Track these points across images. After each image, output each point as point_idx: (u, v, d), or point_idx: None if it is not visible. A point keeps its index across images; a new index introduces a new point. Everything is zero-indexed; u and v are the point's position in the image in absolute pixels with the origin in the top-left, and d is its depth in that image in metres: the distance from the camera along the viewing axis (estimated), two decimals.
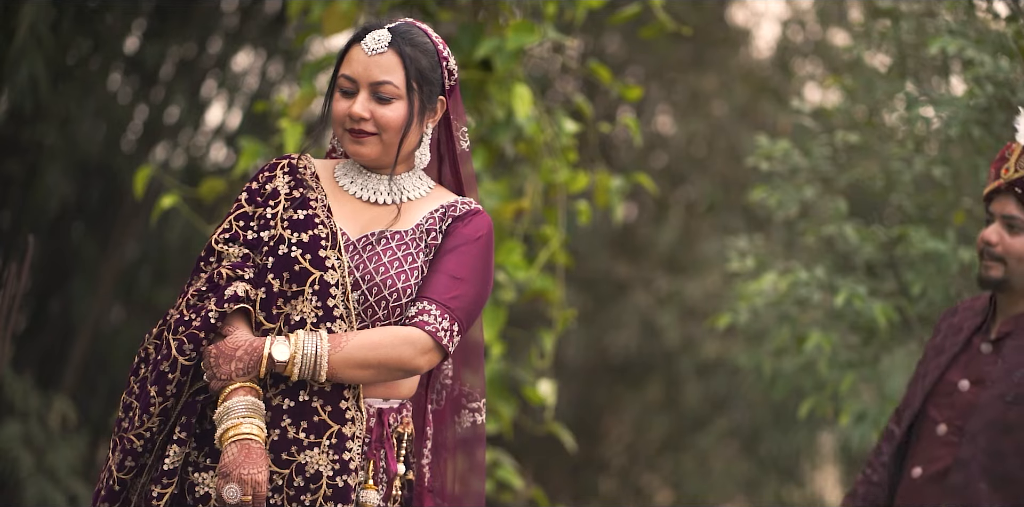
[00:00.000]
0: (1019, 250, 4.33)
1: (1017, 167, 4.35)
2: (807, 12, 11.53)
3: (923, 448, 4.42)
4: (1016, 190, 4.33)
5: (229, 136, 9.44)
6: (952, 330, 4.57)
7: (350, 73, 3.66)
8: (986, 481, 4.26)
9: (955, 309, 4.66)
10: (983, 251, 4.39)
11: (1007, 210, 4.35)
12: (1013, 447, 4.26)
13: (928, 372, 4.53)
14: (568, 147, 6.34)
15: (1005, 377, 4.31)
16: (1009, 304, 4.42)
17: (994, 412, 4.28)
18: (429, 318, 3.58)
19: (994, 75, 5.84)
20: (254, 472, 3.42)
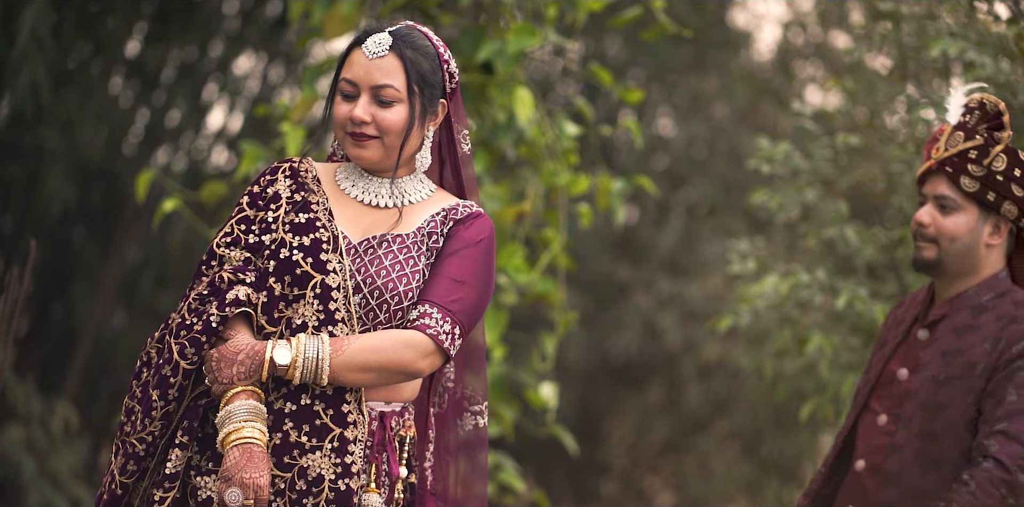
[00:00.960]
0: (951, 230, 4.33)
1: (947, 146, 4.36)
2: (808, 14, 11.53)
3: (866, 440, 4.42)
4: (947, 169, 4.33)
5: (230, 140, 9.44)
6: (896, 322, 4.58)
7: (351, 77, 3.66)
8: (919, 465, 4.27)
9: (902, 302, 4.67)
10: (916, 232, 4.39)
11: (939, 190, 4.35)
12: (944, 427, 4.26)
13: (872, 366, 4.54)
14: (569, 150, 6.35)
15: (938, 359, 4.32)
16: (944, 287, 4.42)
17: (926, 394, 4.30)
18: (430, 321, 3.58)
19: (995, 77, 5.84)
20: (256, 476, 3.42)
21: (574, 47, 9.17)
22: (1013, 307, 4.32)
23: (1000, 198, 4.31)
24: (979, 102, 4.40)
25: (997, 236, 4.36)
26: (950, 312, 4.37)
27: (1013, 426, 4.15)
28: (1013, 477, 4.12)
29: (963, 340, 4.30)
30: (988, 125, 4.35)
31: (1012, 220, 4.35)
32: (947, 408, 4.26)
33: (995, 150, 4.30)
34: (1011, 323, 4.27)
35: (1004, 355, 4.23)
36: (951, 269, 4.37)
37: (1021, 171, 4.31)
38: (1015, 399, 4.17)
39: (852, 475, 4.43)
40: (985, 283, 4.37)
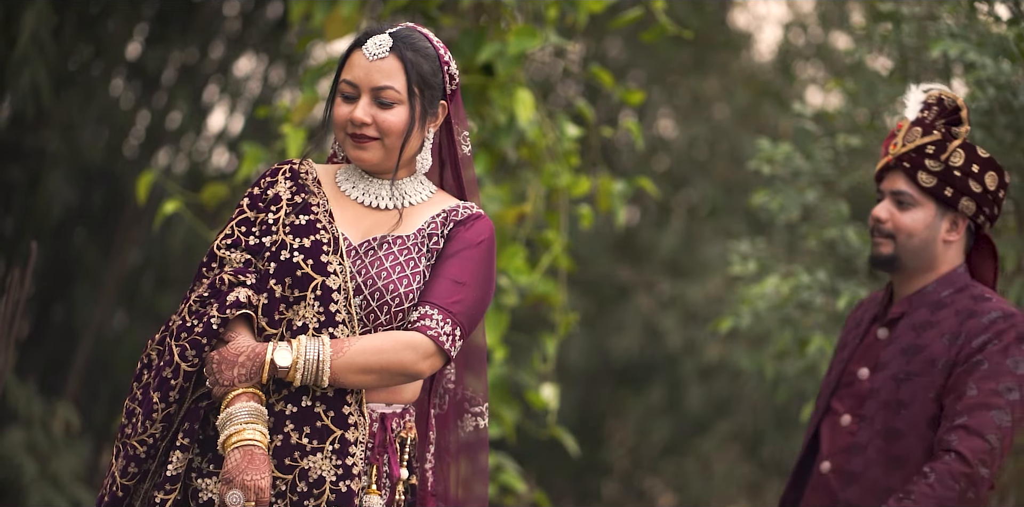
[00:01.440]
0: (908, 226, 4.33)
1: (905, 142, 4.36)
2: (808, 15, 11.54)
3: (830, 442, 4.41)
4: (904, 165, 4.33)
5: (231, 141, 9.44)
6: (856, 323, 4.58)
7: (351, 78, 3.66)
8: (883, 464, 4.27)
9: (861, 302, 4.67)
10: (873, 228, 4.39)
11: (896, 186, 4.35)
12: (907, 425, 4.26)
13: (834, 366, 4.54)
14: (570, 151, 6.35)
15: (898, 356, 4.33)
16: (903, 284, 4.42)
17: (887, 392, 4.30)
18: (431, 322, 3.58)
19: (996, 78, 5.84)
20: (257, 478, 3.42)
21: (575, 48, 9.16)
22: (972, 302, 4.32)
23: (958, 194, 4.31)
24: (937, 98, 4.40)
25: (955, 232, 4.36)
26: (909, 309, 4.37)
27: (973, 420, 4.15)
28: (974, 470, 4.13)
29: (923, 336, 4.30)
30: (946, 120, 4.35)
31: (970, 216, 4.35)
32: (909, 406, 4.26)
33: (952, 145, 4.30)
34: (970, 317, 4.27)
35: (964, 349, 4.24)
36: (908, 265, 4.37)
37: (979, 167, 4.32)
38: (975, 393, 4.18)
39: (818, 477, 4.42)
40: (944, 279, 4.37)
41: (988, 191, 4.34)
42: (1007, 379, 4.20)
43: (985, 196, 4.34)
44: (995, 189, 4.35)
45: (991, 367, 4.20)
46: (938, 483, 4.12)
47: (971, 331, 4.25)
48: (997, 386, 4.19)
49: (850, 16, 10.32)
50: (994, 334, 4.24)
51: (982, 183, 4.32)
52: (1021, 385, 4.21)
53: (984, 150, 4.36)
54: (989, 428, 4.15)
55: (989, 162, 4.35)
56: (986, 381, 4.19)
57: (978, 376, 4.19)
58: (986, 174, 4.33)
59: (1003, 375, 4.20)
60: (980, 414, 4.16)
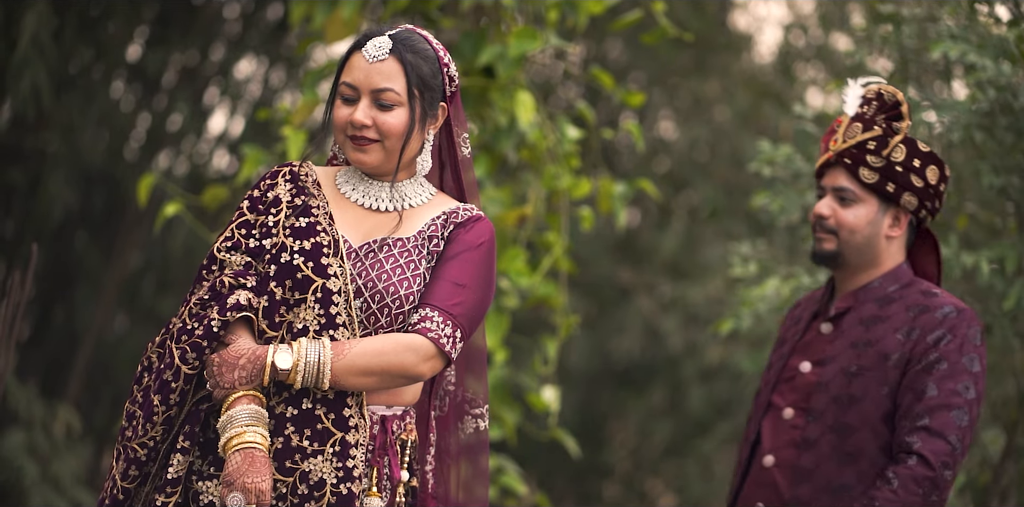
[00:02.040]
0: (851, 222, 4.32)
1: (845, 138, 4.35)
2: (809, 17, 11.54)
3: (772, 436, 4.38)
4: (845, 161, 4.32)
5: (232, 144, 9.44)
6: (793, 321, 4.57)
7: (351, 80, 3.66)
8: (835, 459, 4.24)
9: (798, 303, 4.66)
10: (815, 225, 4.37)
11: (838, 182, 4.34)
12: (859, 420, 4.24)
13: (773, 362, 4.52)
14: (571, 153, 6.35)
15: (846, 351, 4.30)
16: (846, 280, 4.41)
17: (838, 387, 4.28)
18: (431, 325, 3.58)
19: (996, 80, 5.83)
20: (258, 481, 3.42)
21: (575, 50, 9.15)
22: (922, 297, 4.31)
23: (900, 189, 4.30)
24: (876, 93, 4.40)
25: (897, 228, 4.36)
26: (855, 304, 4.36)
27: (935, 421, 4.14)
28: (937, 474, 4.11)
29: (873, 331, 4.29)
30: (886, 115, 4.34)
31: (912, 211, 4.34)
32: (861, 401, 4.24)
33: (894, 141, 4.29)
34: (922, 313, 4.26)
35: (919, 345, 4.22)
36: (851, 261, 4.36)
37: (920, 161, 4.31)
38: (936, 394, 4.16)
39: (760, 471, 4.39)
40: (890, 274, 4.36)
41: (930, 185, 4.33)
42: (964, 377, 4.19)
43: (927, 190, 4.32)
44: (936, 183, 4.34)
45: (950, 366, 4.19)
46: (902, 489, 4.11)
47: (925, 326, 4.23)
48: (956, 386, 4.18)
49: (850, 17, 10.32)
50: (948, 330, 4.23)
51: (923, 178, 4.31)
52: (976, 383, 4.20)
53: (924, 144, 4.34)
54: (951, 429, 4.14)
55: (930, 156, 4.34)
56: (945, 381, 4.18)
57: (937, 375, 4.18)
58: (927, 168, 4.32)
59: (960, 374, 4.19)
60: (941, 415, 4.15)
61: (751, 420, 4.54)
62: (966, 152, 6.36)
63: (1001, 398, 6.43)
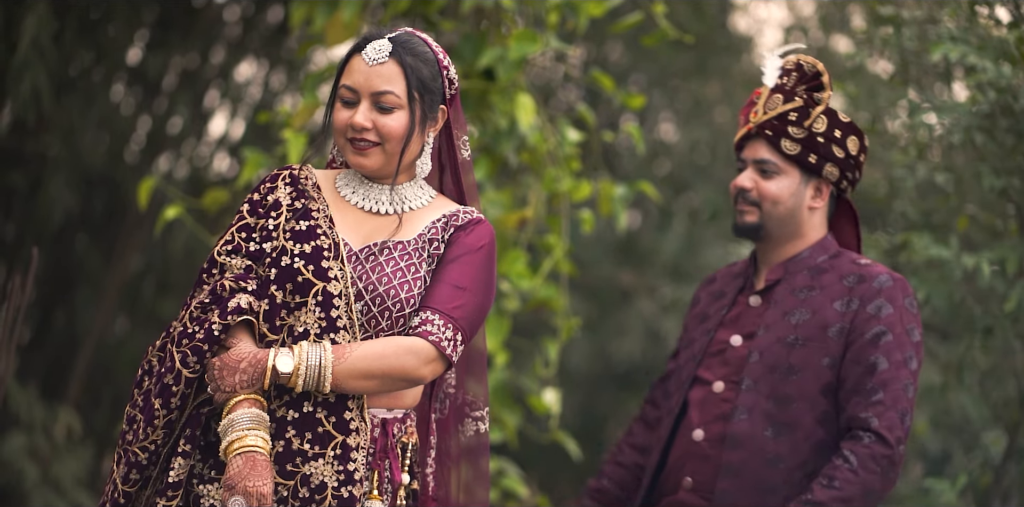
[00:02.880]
0: (774, 194, 4.29)
1: (766, 109, 4.31)
2: (809, 19, 11.53)
3: (701, 410, 4.34)
4: (766, 133, 4.29)
5: (232, 147, 9.44)
6: (713, 297, 4.52)
7: (351, 83, 3.66)
8: (771, 429, 4.20)
9: (712, 278, 4.62)
10: (737, 197, 4.34)
11: (759, 154, 4.32)
12: (797, 390, 4.21)
13: (695, 339, 4.47)
14: (571, 156, 6.34)
15: (781, 321, 4.27)
16: (770, 252, 4.39)
17: (775, 356, 4.24)
18: (432, 328, 3.58)
19: (996, 81, 5.84)
20: (259, 484, 3.42)
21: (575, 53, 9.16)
22: (855, 267, 4.29)
23: (822, 160, 4.28)
24: (796, 63, 4.36)
25: (819, 199, 4.33)
26: (785, 275, 4.33)
27: (888, 396, 4.12)
28: (894, 451, 4.09)
29: (808, 302, 4.26)
30: (807, 86, 4.31)
31: (833, 182, 4.32)
32: (800, 371, 4.21)
33: (816, 111, 4.26)
34: (859, 282, 4.24)
35: (859, 315, 4.20)
36: (774, 233, 4.34)
37: (841, 132, 4.29)
38: (886, 367, 4.14)
39: (688, 445, 4.34)
40: (818, 245, 4.34)
41: (850, 156, 4.31)
42: (908, 348, 4.18)
43: (848, 161, 4.30)
44: (857, 153, 4.32)
45: (895, 338, 4.17)
46: (861, 468, 4.08)
47: (865, 296, 4.21)
48: (902, 356, 4.16)
49: (851, 20, 10.32)
50: (887, 299, 4.21)
51: (845, 148, 4.29)
52: (917, 352, 4.20)
53: (845, 114, 4.32)
54: (902, 402, 4.13)
55: (851, 127, 4.31)
56: (893, 353, 4.16)
57: (884, 348, 4.16)
58: (848, 139, 4.30)
59: (905, 345, 4.17)
60: (893, 389, 4.13)
61: (672, 395, 4.48)
62: (967, 154, 6.37)
63: (1002, 399, 6.43)
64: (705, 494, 4.28)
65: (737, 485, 4.23)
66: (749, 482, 4.22)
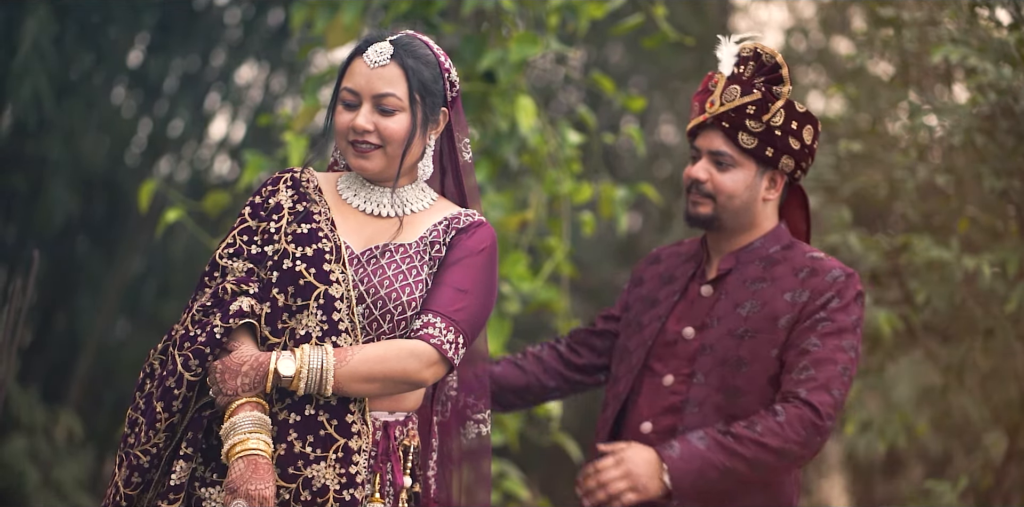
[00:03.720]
0: (729, 187, 4.21)
1: (723, 100, 4.22)
2: (810, 20, 11.53)
3: (651, 402, 4.28)
4: (724, 125, 4.20)
5: (233, 149, 9.44)
6: (662, 279, 4.43)
7: (352, 86, 3.66)
8: (722, 422, 4.14)
9: (656, 256, 4.53)
10: (690, 187, 4.26)
11: (714, 145, 4.22)
12: (746, 382, 4.15)
13: (644, 324, 4.38)
14: (572, 158, 6.35)
15: (731, 312, 4.21)
16: (722, 242, 4.32)
17: (725, 349, 4.18)
18: (434, 331, 3.58)
19: (997, 83, 5.84)
20: (261, 487, 3.41)
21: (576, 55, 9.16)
22: (808, 260, 4.22)
23: (778, 153, 4.20)
24: (753, 51, 4.25)
25: (774, 190, 4.26)
26: (737, 265, 4.27)
27: (821, 374, 4.06)
28: (824, 423, 4.03)
29: (760, 294, 4.20)
30: (765, 78, 4.21)
31: (788, 173, 4.25)
32: (750, 363, 4.15)
33: (775, 107, 4.17)
34: (812, 275, 4.18)
35: (807, 307, 4.14)
36: (728, 225, 4.26)
37: (797, 123, 4.21)
38: (821, 349, 4.08)
39: (636, 437, 4.27)
40: (771, 235, 4.28)
41: (806, 145, 4.23)
42: (848, 337, 4.12)
43: (803, 151, 4.23)
44: (811, 142, 4.25)
45: (835, 325, 4.11)
46: (787, 424, 4.02)
47: (816, 289, 4.15)
48: (841, 342, 4.10)
49: (851, 21, 10.32)
50: (836, 292, 4.14)
51: (800, 139, 4.22)
52: (857, 344, 4.14)
53: (801, 104, 4.23)
54: (836, 383, 4.06)
55: (806, 117, 4.23)
56: (831, 338, 4.10)
57: (822, 332, 4.10)
58: (804, 129, 4.22)
59: (845, 333, 4.12)
60: (827, 368, 4.07)
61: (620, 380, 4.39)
62: (967, 155, 6.37)
63: (1003, 401, 6.43)
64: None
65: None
66: None
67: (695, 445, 4.05)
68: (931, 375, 7.12)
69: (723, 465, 4.03)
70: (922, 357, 7.00)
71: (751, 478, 4.07)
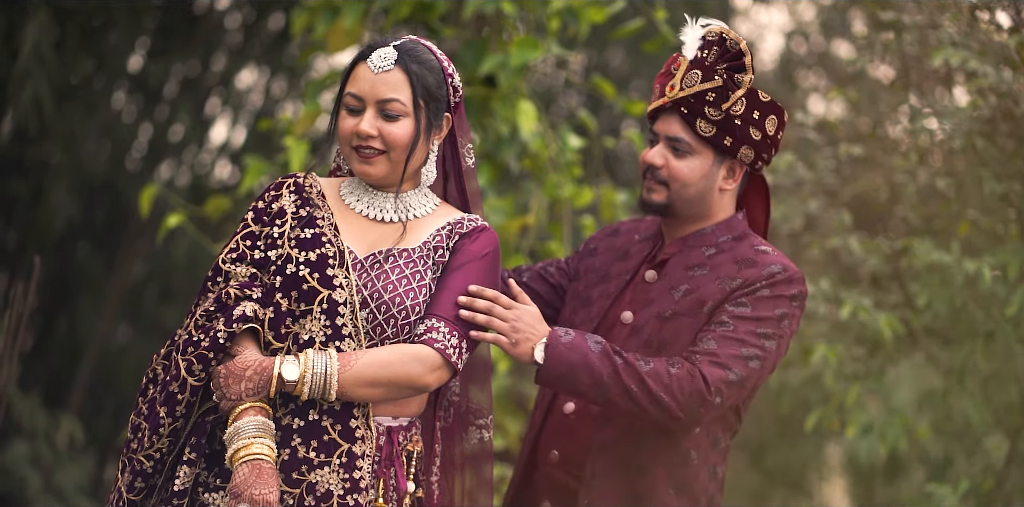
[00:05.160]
0: (684, 175, 4.08)
1: (683, 85, 4.09)
2: (810, 24, 11.54)
3: None
4: (682, 110, 4.07)
5: (234, 154, 9.44)
6: (617, 255, 4.32)
7: (356, 91, 3.66)
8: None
9: (616, 229, 4.41)
10: (646, 173, 4.13)
11: (672, 131, 4.09)
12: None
13: (595, 299, 4.26)
14: (573, 162, 6.35)
15: (665, 295, 4.10)
16: (675, 228, 4.20)
17: (650, 331, 4.07)
18: (438, 335, 3.59)
19: (997, 86, 5.84)
20: (266, 492, 3.41)
21: (576, 59, 9.16)
22: (753, 252, 4.10)
23: (737, 143, 4.07)
24: (719, 36, 4.11)
25: (731, 180, 4.14)
26: (683, 249, 4.15)
27: (723, 351, 3.93)
28: (711, 398, 3.88)
29: (695, 279, 4.09)
30: (728, 65, 4.08)
31: (748, 163, 4.12)
32: (671, 345, 4.03)
33: (735, 95, 4.04)
34: (750, 267, 4.05)
35: (734, 293, 4.01)
36: (681, 213, 4.14)
37: (760, 113, 4.08)
38: (731, 329, 3.95)
39: (558, 418, 4.17)
40: (724, 224, 4.16)
41: (768, 136, 4.10)
42: (768, 326, 3.99)
43: (764, 142, 4.11)
44: (774, 133, 4.12)
45: (755, 311, 3.99)
46: (675, 378, 3.87)
47: (749, 279, 4.02)
48: (756, 329, 3.98)
49: (852, 25, 10.33)
50: (768, 284, 4.01)
51: (762, 130, 4.09)
52: (779, 338, 4.00)
53: (765, 93, 4.10)
54: (736, 363, 3.93)
55: (770, 106, 4.11)
56: (746, 322, 3.98)
57: (736, 314, 3.99)
58: (767, 119, 4.09)
59: (765, 321, 3.99)
60: (730, 347, 3.94)
61: None
62: (967, 159, 6.37)
63: (1004, 404, 6.43)
64: (573, 470, 4.12)
65: (607, 462, 4.07)
66: (619, 460, 4.06)
67: (587, 344, 3.89)
68: (932, 378, 7.12)
69: (599, 375, 3.86)
70: (923, 360, 7.00)
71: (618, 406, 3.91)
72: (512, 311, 3.83)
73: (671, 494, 4.06)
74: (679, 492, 4.08)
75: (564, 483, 4.10)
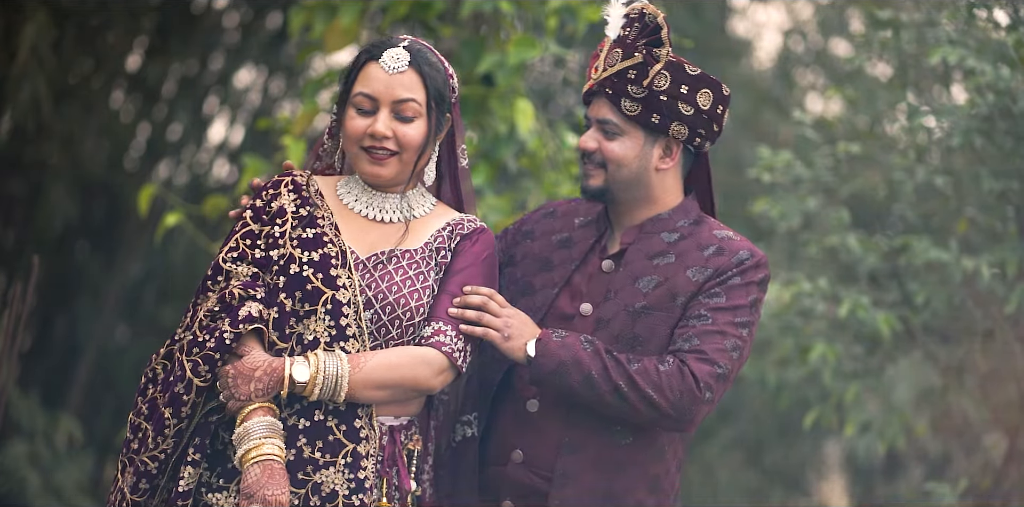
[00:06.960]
0: (617, 156, 3.96)
1: (606, 65, 4.00)
2: (808, 22, 11.55)
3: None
4: (607, 91, 3.97)
5: (232, 153, 9.45)
6: (557, 242, 4.16)
7: (370, 91, 3.64)
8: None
9: (551, 210, 4.25)
10: (582, 158, 4.02)
11: (601, 113, 3.99)
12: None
13: (538, 288, 4.11)
14: (570, 161, 6.35)
15: (629, 286, 3.98)
16: (623, 216, 4.08)
17: (621, 325, 3.95)
18: (445, 338, 3.59)
19: (995, 84, 5.85)
20: (278, 493, 3.41)
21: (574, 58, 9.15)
22: (715, 238, 4.00)
23: (666, 120, 3.94)
24: (639, 12, 3.98)
25: (669, 159, 4.01)
26: (640, 237, 4.03)
27: (707, 346, 3.86)
28: (700, 394, 3.82)
29: (661, 269, 3.98)
30: (647, 41, 3.96)
31: (683, 140, 3.99)
32: (646, 342, 3.93)
33: (654, 70, 3.92)
34: (718, 255, 3.96)
35: (707, 284, 3.93)
36: (621, 197, 4.02)
37: (688, 87, 3.94)
38: (710, 322, 3.88)
39: (520, 415, 4.00)
40: (680, 208, 4.05)
41: (702, 111, 3.97)
42: (744, 314, 3.93)
43: (699, 117, 3.97)
44: (711, 107, 3.98)
45: (730, 301, 3.92)
46: (665, 376, 3.82)
47: (720, 268, 3.93)
48: (734, 319, 3.91)
49: (849, 23, 10.33)
50: (739, 272, 3.94)
51: (694, 104, 3.95)
52: (752, 325, 3.95)
53: (694, 66, 3.97)
54: (721, 357, 3.87)
55: (700, 79, 3.97)
56: (723, 313, 3.91)
57: (713, 306, 3.91)
58: (698, 93, 3.96)
59: (740, 309, 3.92)
60: (713, 341, 3.87)
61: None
62: (966, 157, 6.38)
63: (1003, 402, 6.43)
64: (541, 471, 3.98)
65: (579, 462, 3.96)
66: (592, 459, 3.96)
67: (579, 343, 3.85)
68: (930, 376, 7.13)
69: (589, 374, 3.82)
70: (921, 358, 7.01)
71: (610, 406, 3.85)
72: (505, 309, 3.82)
73: (645, 492, 4.04)
74: (652, 490, 4.04)
75: (529, 483, 3.99)
